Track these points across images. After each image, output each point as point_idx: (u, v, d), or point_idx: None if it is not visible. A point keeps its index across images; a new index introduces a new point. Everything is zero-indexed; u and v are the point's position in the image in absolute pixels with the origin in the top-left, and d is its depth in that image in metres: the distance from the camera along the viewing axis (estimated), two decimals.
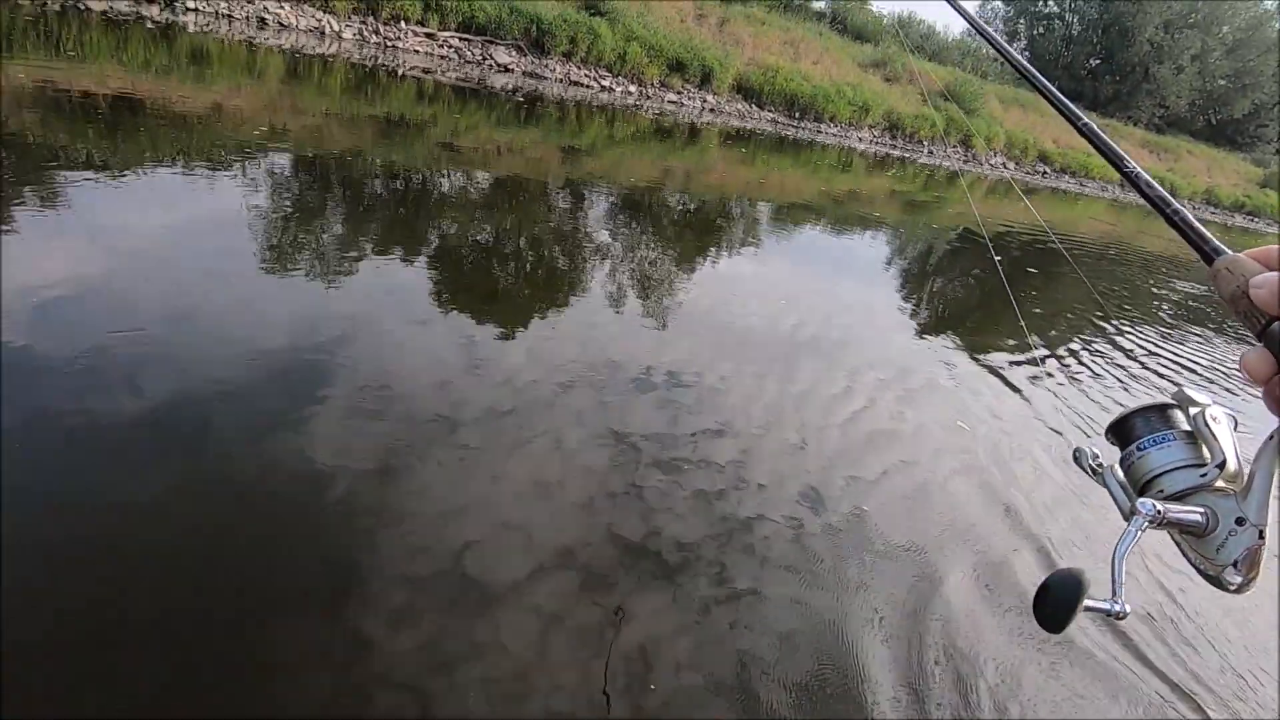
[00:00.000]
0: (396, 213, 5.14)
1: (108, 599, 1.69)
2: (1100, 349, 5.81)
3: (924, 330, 5.55)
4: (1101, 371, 5.19)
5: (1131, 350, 6.00)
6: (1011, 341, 5.43)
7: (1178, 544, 0.60)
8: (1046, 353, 5.41)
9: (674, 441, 2.88)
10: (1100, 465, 0.68)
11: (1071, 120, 0.88)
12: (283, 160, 5.59)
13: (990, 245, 9.15)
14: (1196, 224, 0.66)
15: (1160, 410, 0.64)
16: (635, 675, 1.80)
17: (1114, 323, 6.88)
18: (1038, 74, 0.92)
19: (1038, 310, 6.94)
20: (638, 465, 2.67)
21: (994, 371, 4.69)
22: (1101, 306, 7.47)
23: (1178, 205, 0.70)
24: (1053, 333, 6.09)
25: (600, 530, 2.29)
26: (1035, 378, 4.71)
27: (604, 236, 5.81)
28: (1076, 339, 5.98)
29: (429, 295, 3.80)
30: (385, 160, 6.52)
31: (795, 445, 3.12)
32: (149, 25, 9.77)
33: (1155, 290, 9.79)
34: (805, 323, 4.81)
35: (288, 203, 4.66)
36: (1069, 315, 6.99)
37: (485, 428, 2.68)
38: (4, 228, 3.27)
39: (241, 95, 7.52)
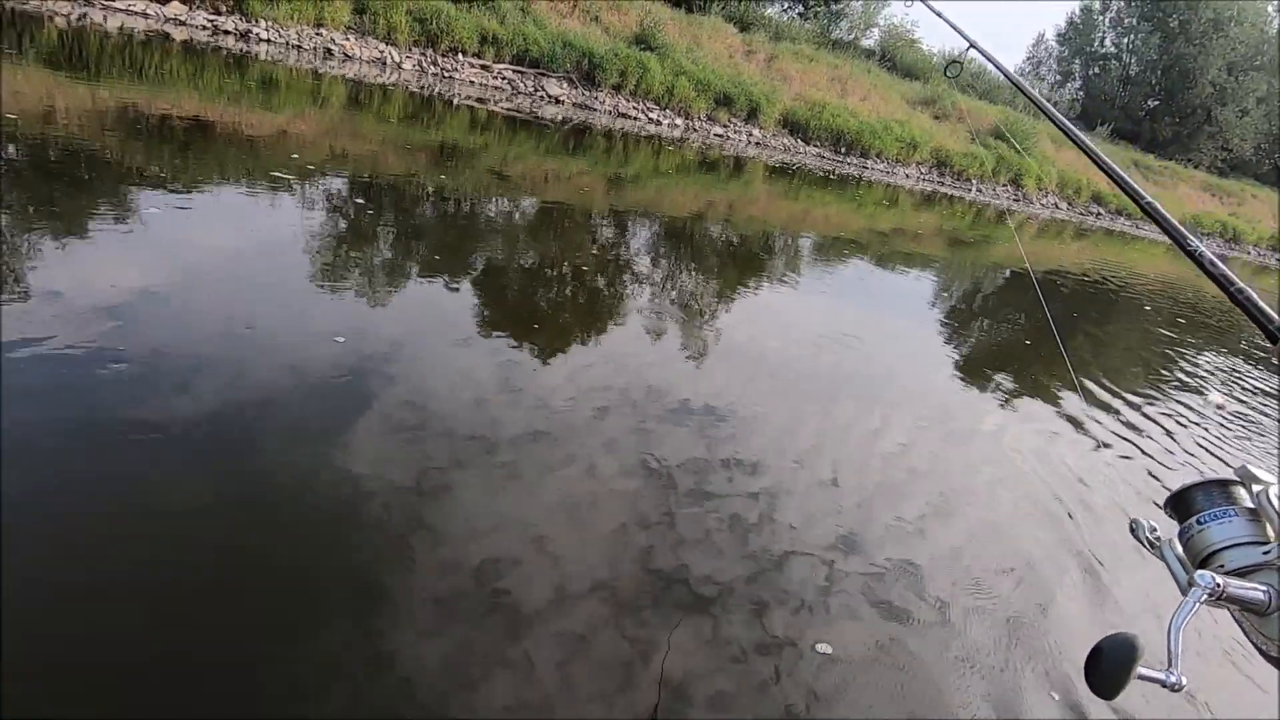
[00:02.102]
0: (445, 236, 5.29)
1: (140, 596, 1.76)
2: (1154, 403, 5.61)
3: (966, 371, 5.44)
4: (1153, 429, 5.01)
5: (1180, 413, 5.79)
6: (1059, 388, 5.29)
7: (1238, 622, 0.59)
8: (1101, 403, 5.25)
9: (710, 472, 2.86)
10: (1159, 538, 0.67)
11: (1135, 198, 0.90)
12: (339, 183, 5.82)
13: (1038, 288, 8.94)
14: (1260, 303, 0.69)
15: (1222, 485, 0.64)
16: (663, 709, 1.78)
17: (1166, 373, 6.65)
18: (1097, 151, 0.94)
19: (1088, 357, 6.75)
20: (672, 495, 2.65)
21: (1041, 418, 4.57)
22: (1155, 358, 7.23)
23: (1241, 285, 0.73)
24: (1106, 381, 5.91)
25: (632, 558, 2.27)
26: (1084, 426, 4.57)
27: (646, 265, 5.87)
28: (1131, 391, 5.79)
29: (472, 317, 3.89)
30: (437, 185, 6.73)
31: (830, 482, 3.07)
32: (225, 54, 10.34)
33: (1212, 348, 9.43)
34: (845, 358, 4.77)
35: (342, 224, 4.85)
36: (1123, 364, 6.78)
37: (521, 449, 2.70)
38: (72, 237, 3.48)
39: (305, 121, 7.87)
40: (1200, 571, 0.58)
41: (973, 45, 2.11)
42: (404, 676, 1.68)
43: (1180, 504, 0.66)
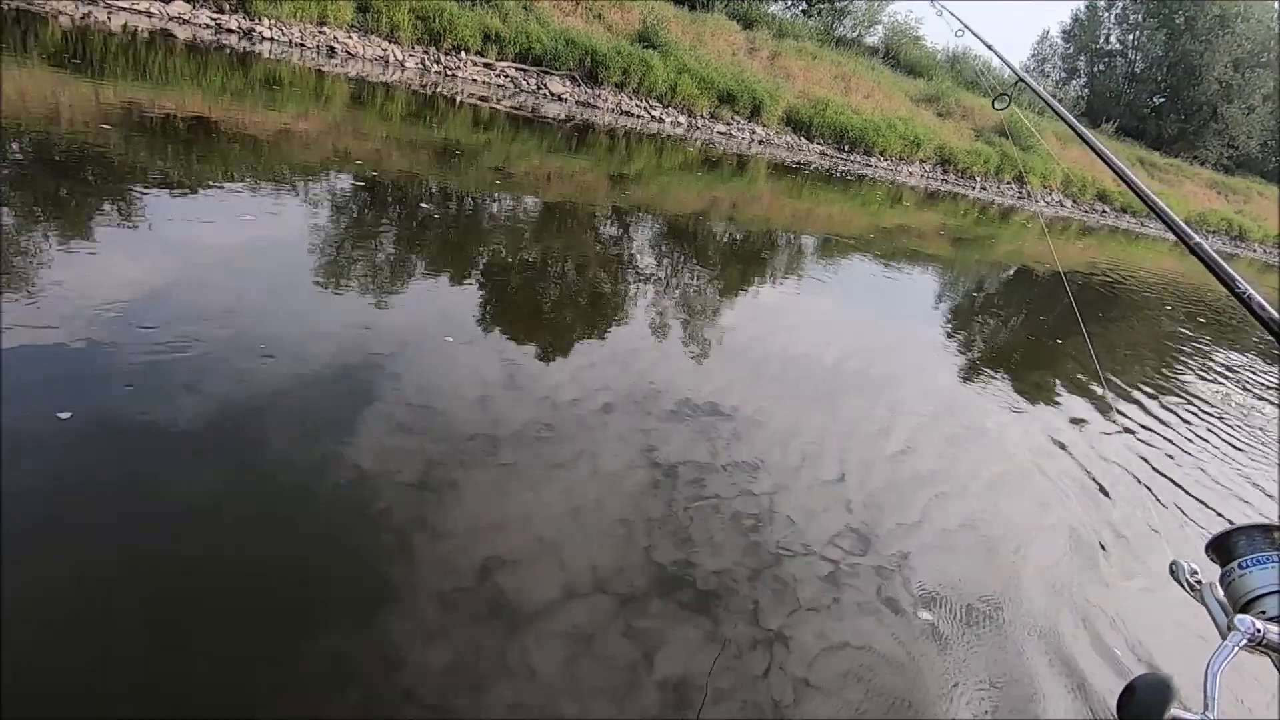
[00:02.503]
0: (448, 234, 5.28)
1: (141, 596, 1.75)
2: (1171, 407, 5.58)
3: (972, 371, 5.42)
4: (1175, 427, 4.99)
5: (1191, 420, 5.76)
6: (1071, 389, 5.26)
7: (1279, 668, 0.59)
8: (1117, 404, 5.22)
9: (713, 472, 2.85)
10: (1199, 582, 0.67)
11: (1184, 239, 0.89)
12: (343, 181, 5.82)
13: (1067, 287, 8.88)
14: (1264, 303, 0.69)
15: (1265, 530, 0.63)
16: (666, 707, 1.78)
17: (1179, 376, 6.62)
18: (1136, 181, 0.92)
19: (1102, 354, 6.72)
20: (675, 493, 2.64)
21: (1049, 421, 4.55)
22: (1168, 359, 7.20)
23: (1245, 285, 0.73)
24: (1120, 383, 5.89)
25: (636, 556, 2.27)
26: (1092, 426, 4.55)
27: (648, 264, 5.86)
28: (1148, 395, 5.76)
29: (476, 315, 3.88)
30: (440, 183, 6.73)
31: (834, 481, 3.07)
32: (228, 52, 10.34)
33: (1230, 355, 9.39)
34: (848, 357, 4.75)
35: (346, 222, 4.84)
36: (1136, 364, 6.75)
37: (525, 447, 2.69)
38: (72, 236, 3.48)
39: (309, 119, 7.87)
40: (1240, 616, 0.57)
41: (1021, 79, 2.06)
42: (410, 677, 1.68)
43: (1222, 548, 0.66)
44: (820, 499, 2.89)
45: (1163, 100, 35.80)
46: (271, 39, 11.97)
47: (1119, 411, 4.93)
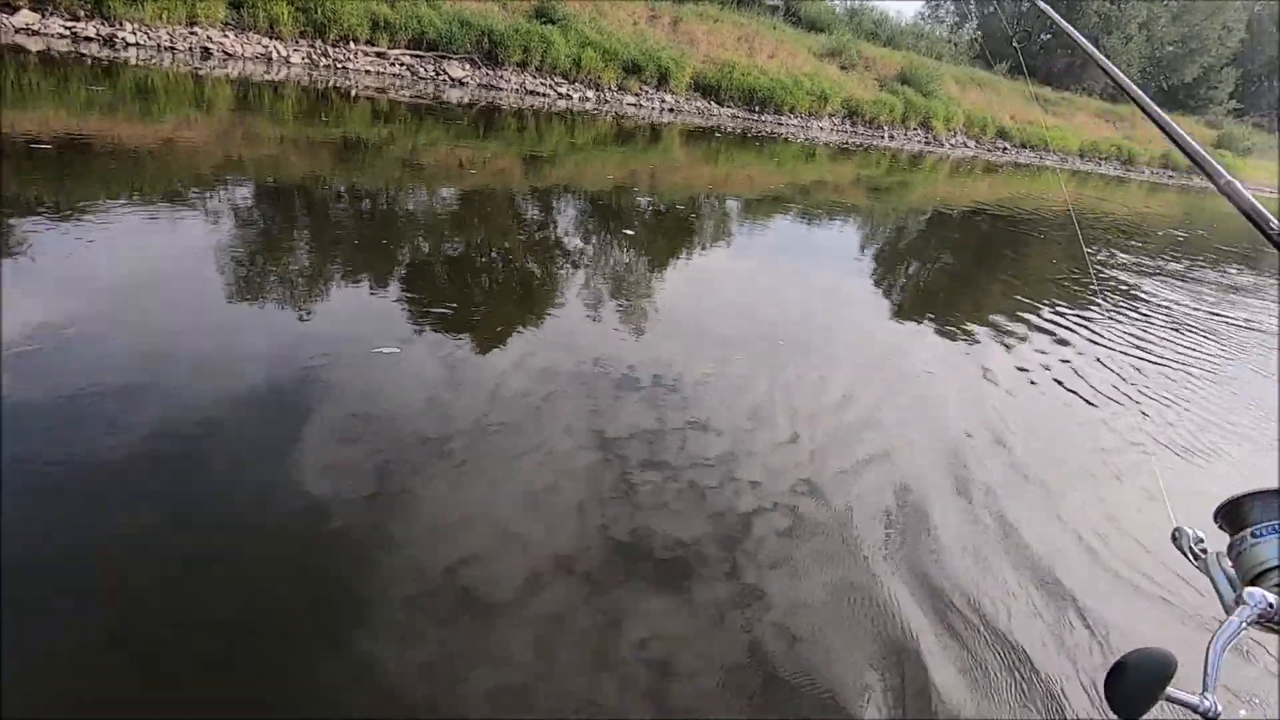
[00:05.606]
0: (364, 235, 4.99)
1: (97, 644, 1.61)
2: (1106, 326, 5.82)
3: (903, 314, 5.52)
4: (1116, 350, 5.19)
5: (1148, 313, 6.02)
6: (1001, 321, 5.41)
7: None
8: (1060, 328, 5.39)
9: (663, 442, 2.84)
10: (1204, 550, 0.60)
11: (1213, 178, 0.79)
12: (243, 191, 5.43)
13: (1078, 226, 9.04)
14: None
15: None
16: (643, 679, 1.76)
17: (1104, 297, 6.92)
18: (1170, 123, 0.83)
19: (1018, 282, 6.95)
20: (629, 468, 2.63)
21: (993, 354, 4.66)
22: (1085, 279, 7.51)
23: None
24: (1046, 309, 6.09)
25: (597, 535, 2.26)
26: (1031, 354, 4.68)
27: (576, 243, 5.71)
28: (1079, 316, 5.98)
29: (406, 315, 3.69)
30: (348, 183, 6.37)
31: (785, 439, 3.05)
32: (90, 63, 9.50)
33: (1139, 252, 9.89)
34: (783, 315, 4.75)
35: (252, 233, 4.51)
36: (1060, 288, 7.01)
37: (474, 442, 2.63)
38: None
39: (192, 127, 7.31)
40: (1250, 589, 0.50)
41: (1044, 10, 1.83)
42: (384, 684, 1.64)
43: (1232, 515, 0.59)
44: (771, 457, 2.87)
45: (1049, 36, 37.30)
46: (137, 44, 11.06)
47: (1040, 336, 5.10)
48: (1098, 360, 4.78)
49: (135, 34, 11.10)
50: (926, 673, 1.94)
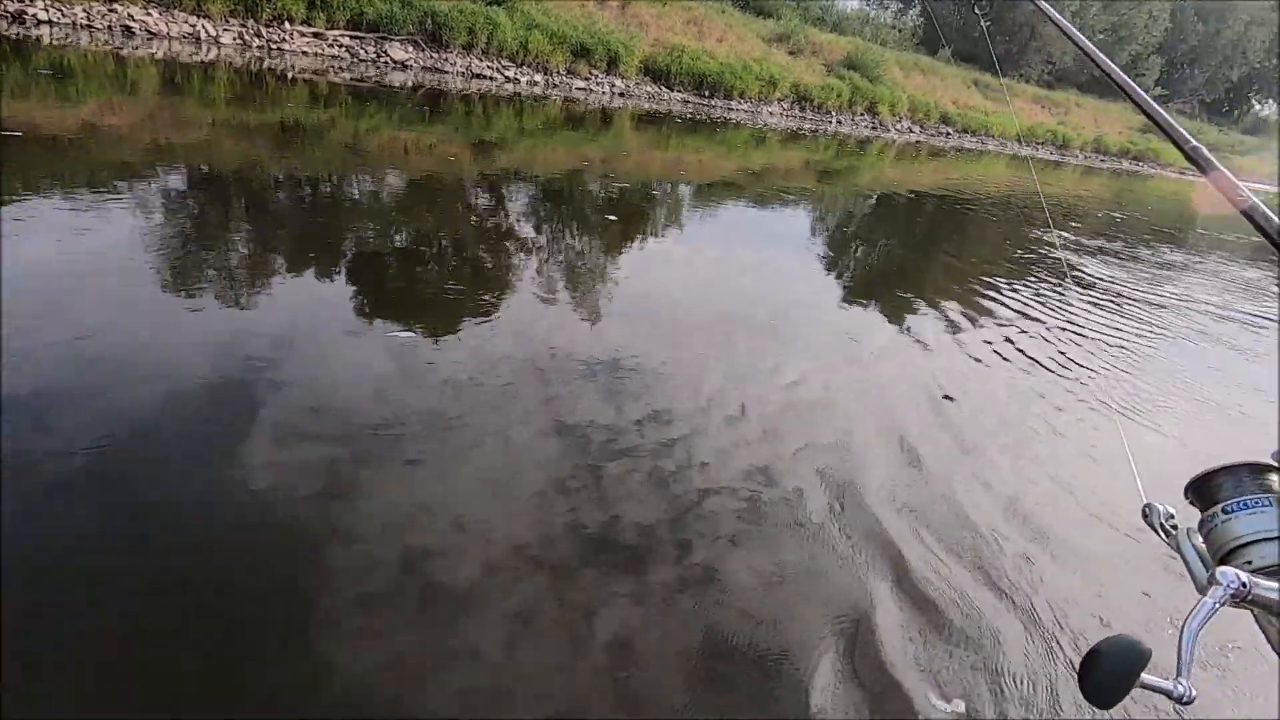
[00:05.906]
0: (308, 224, 4.78)
1: (51, 659, 1.47)
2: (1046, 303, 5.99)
3: (853, 296, 5.59)
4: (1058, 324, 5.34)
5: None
6: (958, 301, 5.53)
7: (1263, 629, 0.51)
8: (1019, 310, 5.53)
9: (622, 428, 2.82)
10: (1175, 527, 0.59)
11: (1205, 171, 0.79)
12: (175, 179, 5.15)
13: (1046, 210, 9.30)
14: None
15: (1253, 470, 0.56)
16: (612, 668, 1.76)
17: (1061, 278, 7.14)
18: (1153, 105, 0.82)
19: (974, 261, 7.12)
20: (588, 455, 2.61)
21: (920, 331, 4.75)
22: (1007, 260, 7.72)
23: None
24: (1008, 290, 6.24)
25: (558, 524, 2.23)
26: (981, 335, 4.79)
27: (528, 231, 5.60)
28: (1037, 295, 6.14)
29: (355, 306, 3.57)
30: (287, 170, 6.10)
31: (737, 419, 3.07)
32: None
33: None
34: (736, 299, 4.75)
35: (187, 224, 4.27)
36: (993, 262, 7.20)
37: (430, 434, 2.56)
38: None
39: (116, 112, 6.90)
40: (1223, 568, 0.49)
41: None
42: (347, 685, 1.58)
43: (1203, 490, 0.58)
44: (727, 439, 2.88)
45: (989, 24, 38.22)
46: (50, 21, 10.38)
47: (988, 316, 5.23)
48: (1042, 337, 4.94)
49: (48, 10, 10.42)
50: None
